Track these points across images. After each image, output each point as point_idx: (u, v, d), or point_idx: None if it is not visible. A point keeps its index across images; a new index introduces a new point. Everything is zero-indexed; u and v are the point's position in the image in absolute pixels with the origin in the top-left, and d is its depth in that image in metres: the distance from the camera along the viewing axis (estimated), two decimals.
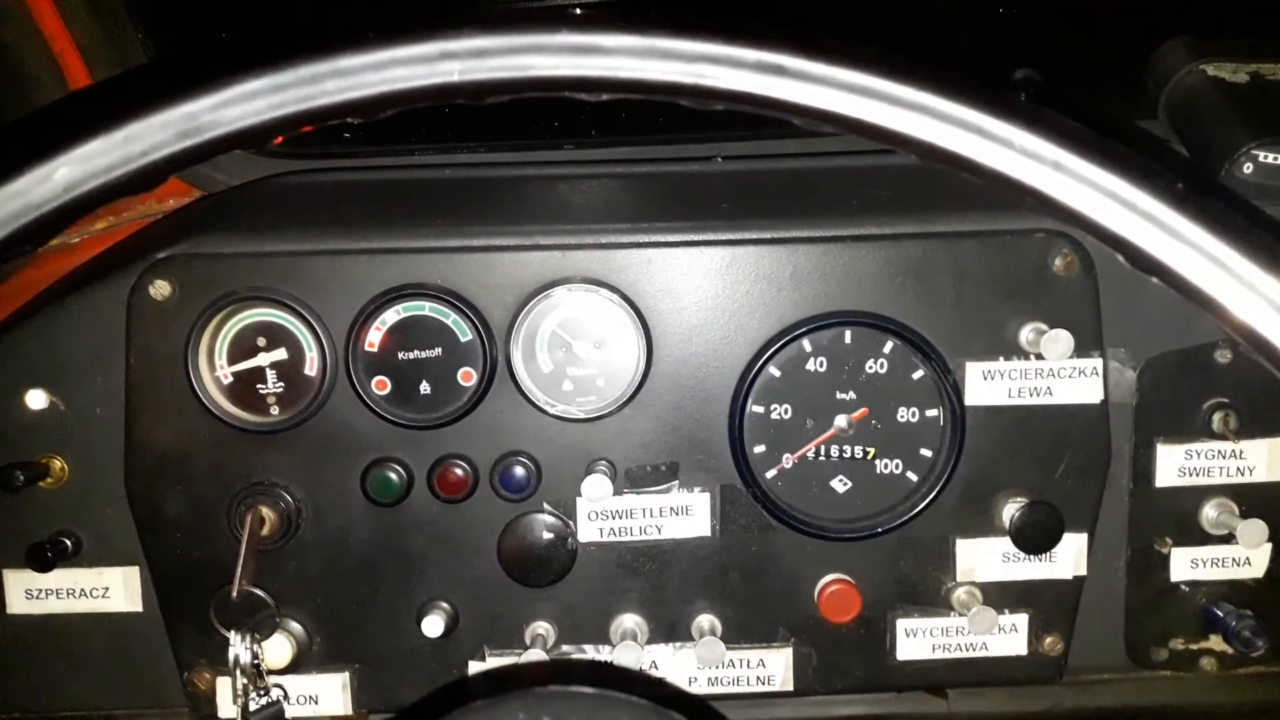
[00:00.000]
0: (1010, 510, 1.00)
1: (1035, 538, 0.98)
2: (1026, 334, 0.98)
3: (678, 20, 0.52)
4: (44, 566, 0.97)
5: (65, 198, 0.50)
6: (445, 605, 1.01)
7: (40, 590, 1.02)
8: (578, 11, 0.52)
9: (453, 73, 0.52)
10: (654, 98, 0.54)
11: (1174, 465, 1.02)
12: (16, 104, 1.06)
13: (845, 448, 1.02)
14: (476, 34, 0.51)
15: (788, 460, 1.02)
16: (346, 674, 1.02)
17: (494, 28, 0.51)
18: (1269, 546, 1.03)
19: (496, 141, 1.17)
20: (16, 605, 1.02)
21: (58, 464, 0.99)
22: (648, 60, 0.52)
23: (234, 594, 0.94)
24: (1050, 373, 0.99)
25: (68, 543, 1.00)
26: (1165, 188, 0.48)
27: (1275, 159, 0.92)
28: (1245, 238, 0.46)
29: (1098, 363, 0.99)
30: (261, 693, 0.98)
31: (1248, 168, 0.93)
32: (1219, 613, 1.04)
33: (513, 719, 0.46)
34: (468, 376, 0.98)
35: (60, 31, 1.02)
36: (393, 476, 0.98)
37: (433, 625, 0.99)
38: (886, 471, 1.02)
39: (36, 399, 0.98)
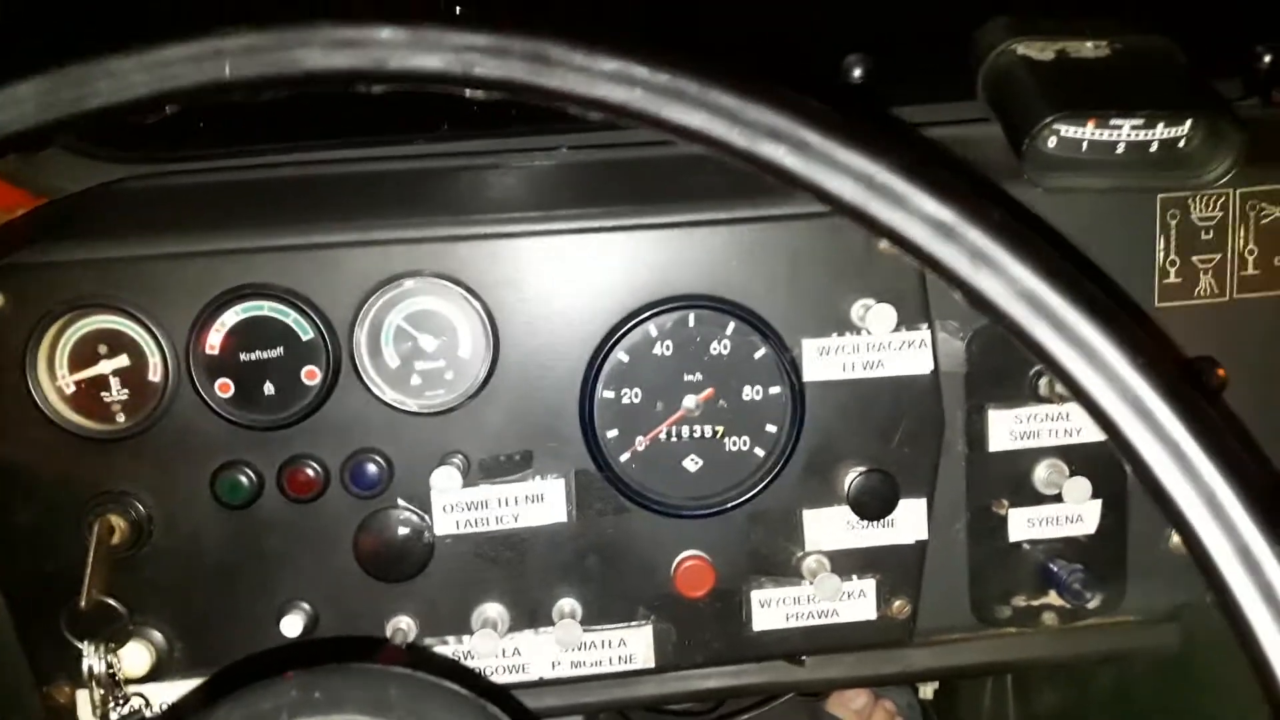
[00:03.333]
0: (849, 479, 1.04)
1: (872, 504, 1.02)
2: (856, 310, 1.02)
3: (445, 15, 0.54)
4: None
5: None
6: (304, 605, 1.02)
7: None
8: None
9: (223, 69, 0.53)
10: (426, 88, 0.56)
11: (1005, 429, 1.07)
12: None
13: (695, 427, 1.05)
14: (246, 31, 0.53)
15: (640, 443, 1.04)
16: (209, 679, 1.02)
17: (263, 25, 0.53)
18: (1098, 504, 1.09)
19: (342, 139, 1.17)
20: None
21: None
22: (417, 51, 0.54)
23: (83, 604, 0.94)
24: (881, 346, 1.03)
25: None
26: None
27: (1074, 132, 0.97)
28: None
29: (926, 334, 1.03)
30: (121, 702, 0.98)
31: (1051, 141, 0.98)
32: (1054, 568, 1.09)
33: (283, 697, 0.48)
34: (312, 375, 0.98)
35: None
36: (242, 479, 0.98)
37: (291, 625, 0.99)
38: (735, 449, 1.05)
39: None
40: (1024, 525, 1.09)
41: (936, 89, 1.20)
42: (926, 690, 1.65)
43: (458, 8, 1.10)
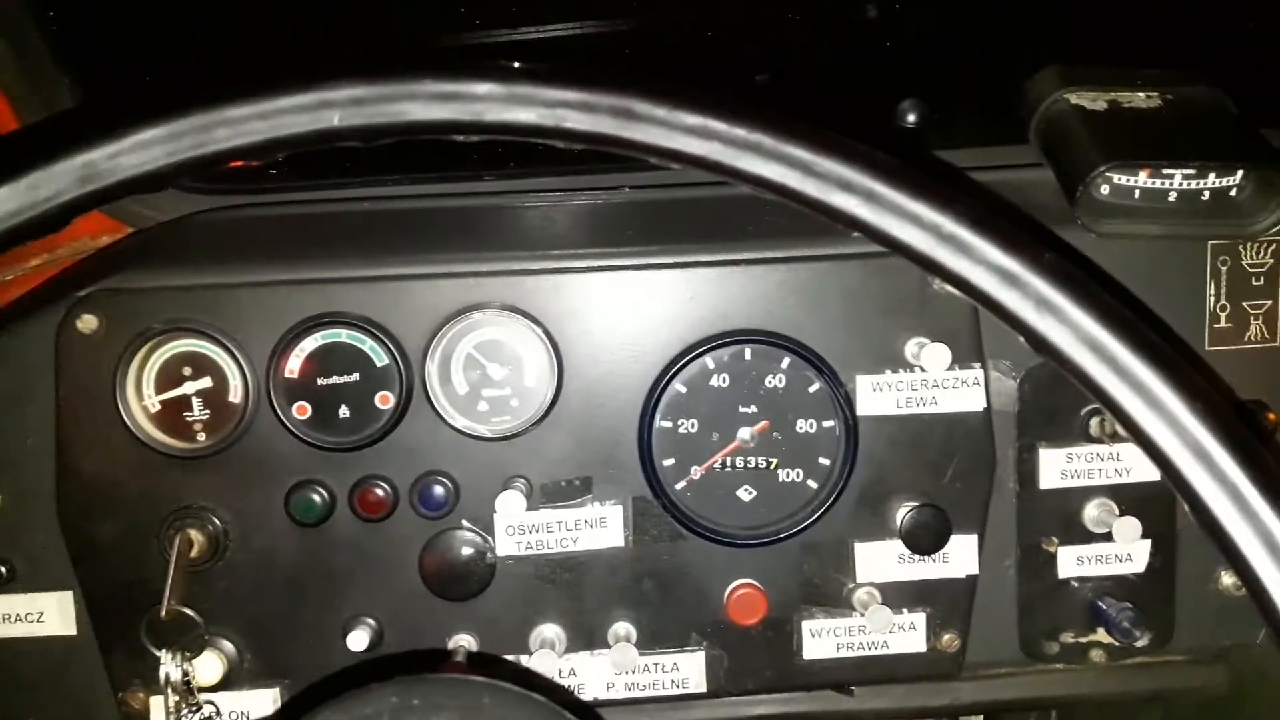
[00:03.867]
0: (902, 513, 1.06)
1: (924, 539, 1.04)
2: (910, 348, 1.05)
3: (538, 69, 0.59)
4: None
5: None
6: (370, 621, 1.05)
7: None
8: (440, 60, 0.58)
9: (333, 119, 0.57)
10: (522, 139, 0.60)
11: (1056, 468, 1.09)
12: None
13: (749, 458, 1.08)
14: (354, 83, 0.57)
15: (696, 472, 1.07)
16: (276, 690, 1.06)
17: (370, 77, 0.57)
18: (1147, 542, 1.10)
19: (417, 175, 1.22)
20: None
21: None
22: (512, 106, 0.58)
23: (163, 614, 0.98)
24: (935, 383, 1.06)
25: (2, 570, 1.03)
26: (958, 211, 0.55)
27: (1127, 180, 1.00)
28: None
29: (979, 373, 1.06)
30: (193, 710, 1.02)
31: (1104, 189, 1.01)
32: (1103, 606, 1.10)
33: (383, 703, 0.51)
34: (385, 400, 1.03)
35: None
36: (315, 498, 1.03)
37: (357, 640, 1.03)
38: (788, 480, 1.08)
39: None
40: (1073, 563, 1.11)
41: (987, 134, 1.23)
42: None
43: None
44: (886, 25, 1.13)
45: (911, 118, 1.18)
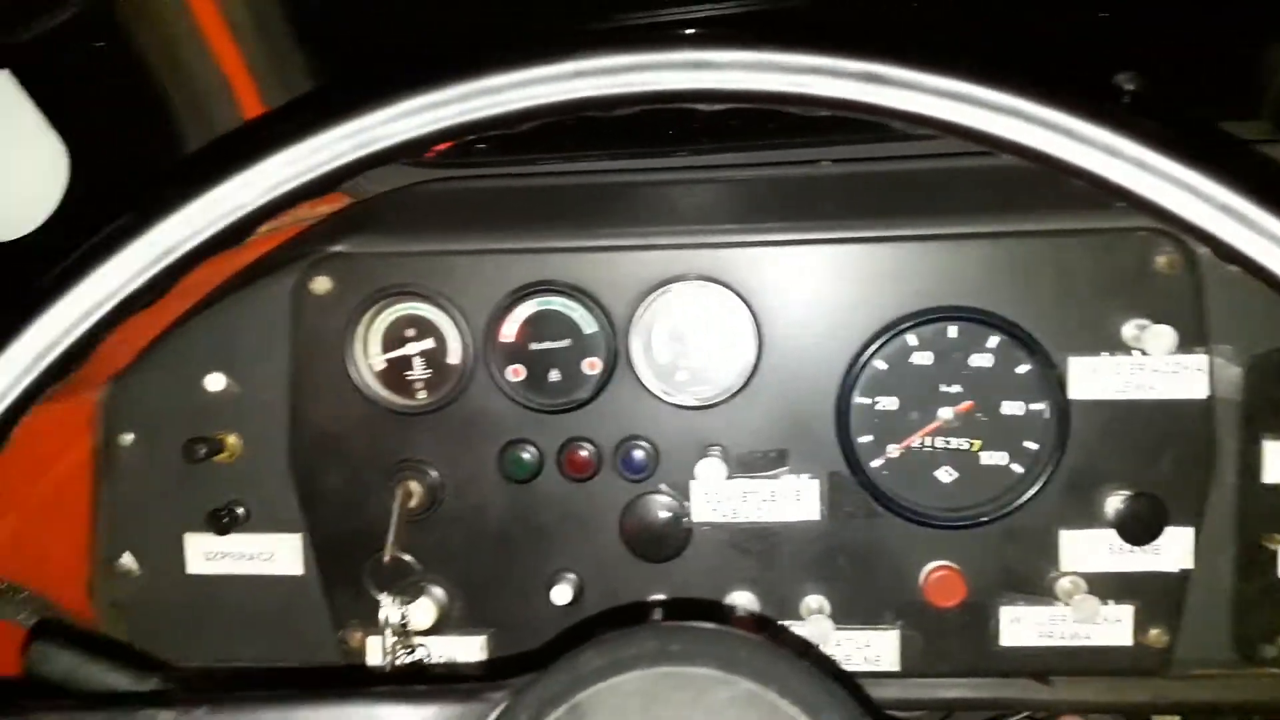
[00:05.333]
0: (1114, 502, 1.03)
1: (1139, 529, 1.01)
2: (1129, 330, 1.01)
3: (785, 33, 0.59)
4: (222, 530, 1.10)
5: (266, 199, 0.60)
6: (572, 576, 1.09)
7: (215, 553, 1.14)
8: (693, 30, 0.60)
9: (585, 89, 0.60)
10: (764, 106, 0.61)
11: None
12: (192, 118, 1.19)
13: (950, 439, 1.06)
14: (605, 54, 0.59)
15: (893, 450, 1.07)
16: (483, 637, 1.11)
17: (620, 48, 0.59)
18: None
19: (617, 150, 1.25)
20: (195, 565, 1.15)
21: (232, 439, 1.11)
22: (758, 73, 0.59)
23: (386, 559, 1.05)
24: (1154, 368, 1.02)
25: (240, 511, 1.12)
26: (1243, 182, 0.53)
27: None
28: None
29: (1202, 359, 1.01)
30: (408, 651, 1.08)
31: None
32: None
33: (643, 646, 0.53)
34: (593, 365, 1.06)
35: (231, 52, 1.15)
36: (525, 456, 1.07)
37: (561, 594, 1.07)
38: (991, 463, 1.06)
39: (215, 381, 1.11)
40: None
41: (1212, 108, 1.17)
42: None
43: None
44: None
45: (1128, 89, 1.13)
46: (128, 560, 1.16)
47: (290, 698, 0.54)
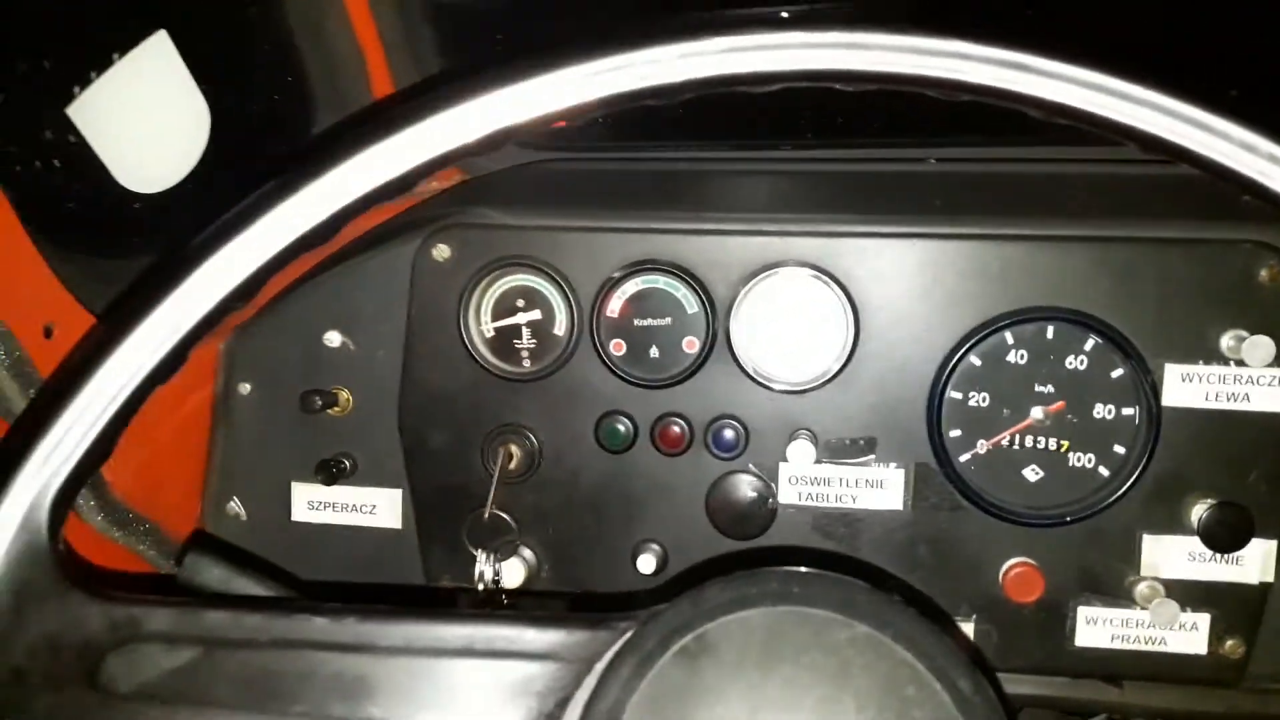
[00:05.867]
0: (1200, 509, 1.04)
1: (1224, 537, 1.02)
2: (1228, 340, 1.02)
3: (935, 19, 0.63)
4: (329, 481, 1.16)
5: (444, 150, 0.64)
6: (656, 547, 1.14)
7: (320, 502, 1.21)
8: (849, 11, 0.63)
9: (738, 63, 0.64)
10: (909, 89, 0.64)
11: None
12: (326, 88, 1.25)
13: (1039, 438, 1.08)
14: (760, 30, 0.63)
15: (982, 445, 1.09)
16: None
17: (775, 25, 0.63)
18: None
19: (722, 140, 1.29)
20: (300, 513, 1.21)
21: (345, 395, 1.18)
22: (907, 55, 0.62)
23: (485, 517, 1.10)
24: (1250, 379, 1.03)
25: (347, 464, 1.18)
26: None
27: None
28: None
29: None
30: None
31: None
32: None
33: (767, 586, 0.57)
34: (691, 345, 1.10)
35: (369, 28, 1.22)
36: (620, 428, 1.12)
37: (646, 563, 1.12)
38: (1079, 464, 1.08)
39: (333, 338, 1.17)
40: None
41: None
42: None
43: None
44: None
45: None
46: (235, 505, 1.22)
47: (431, 615, 0.59)
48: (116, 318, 0.64)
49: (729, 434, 1.11)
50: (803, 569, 0.59)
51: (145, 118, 1.14)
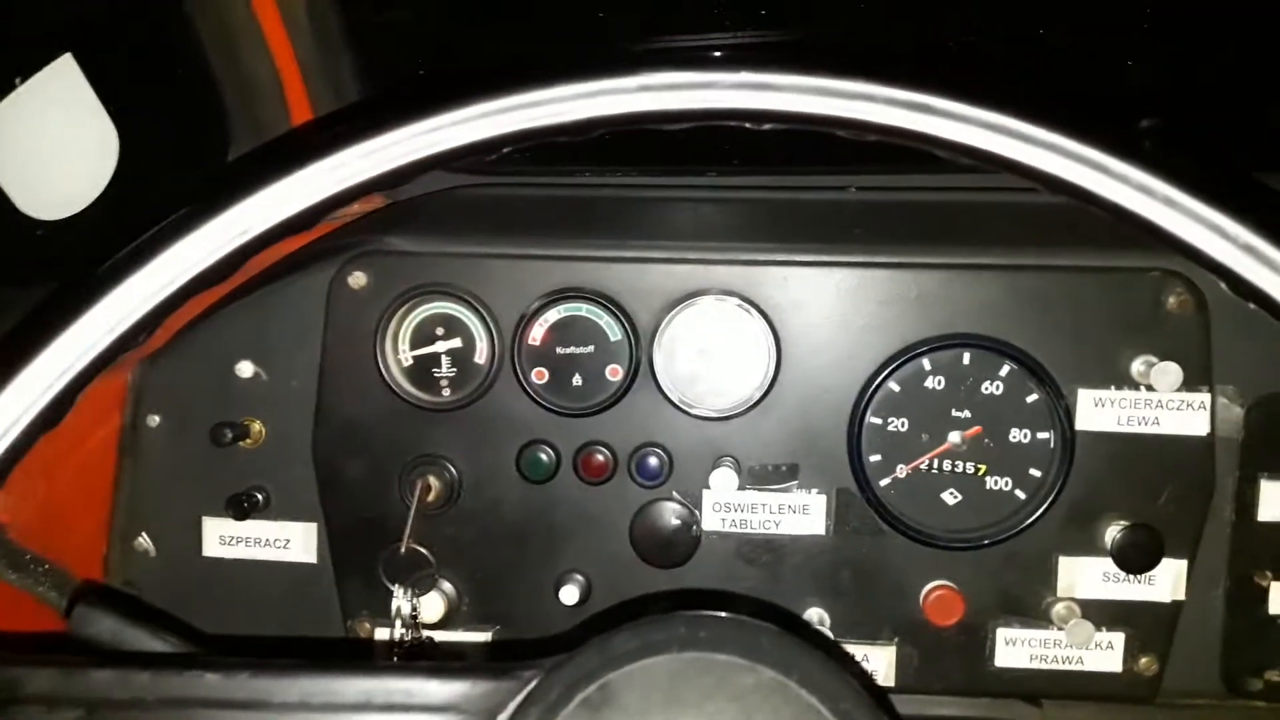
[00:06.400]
0: (1113, 531, 1.06)
1: (1136, 558, 1.04)
2: (1138, 366, 1.04)
3: (842, 61, 0.63)
4: (240, 515, 1.12)
5: (341, 187, 0.63)
6: (580, 577, 1.12)
7: (231, 537, 1.17)
8: (756, 53, 0.63)
9: (647, 102, 0.63)
10: (814, 129, 0.64)
11: (1277, 501, 1.06)
12: (242, 111, 1.22)
13: (957, 463, 1.09)
14: (669, 70, 0.63)
15: (902, 470, 1.10)
16: (489, 634, 1.14)
17: (685, 66, 0.63)
18: None
19: (647, 166, 1.29)
20: (211, 549, 1.17)
21: (257, 426, 1.14)
22: (814, 97, 0.63)
23: (402, 551, 1.08)
24: (1159, 404, 1.05)
25: (259, 497, 1.15)
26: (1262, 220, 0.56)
27: None
28: None
29: (1205, 397, 1.04)
30: (416, 644, 1.11)
31: None
32: None
33: (673, 631, 0.56)
34: (615, 372, 1.10)
35: (286, 50, 1.19)
36: (543, 457, 1.10)
37: (569, 594, 1.10)
38: (996, 488, 1.09)
39: (245, 369, 1.14)
40: None
41: (1248, 157, 1.20)
42: None
43: None
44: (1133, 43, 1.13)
45: (1153, 131, 1.17)
46: (144, 540, 1.18)
47: (328, 668, 0.56)
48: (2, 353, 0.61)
49: (653, 461, 1.11)
50: (715, 613, 0.58)
51: (49, 142, 1.10)
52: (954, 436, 1.09)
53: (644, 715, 0.53)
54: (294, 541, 1.17)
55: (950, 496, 1.10)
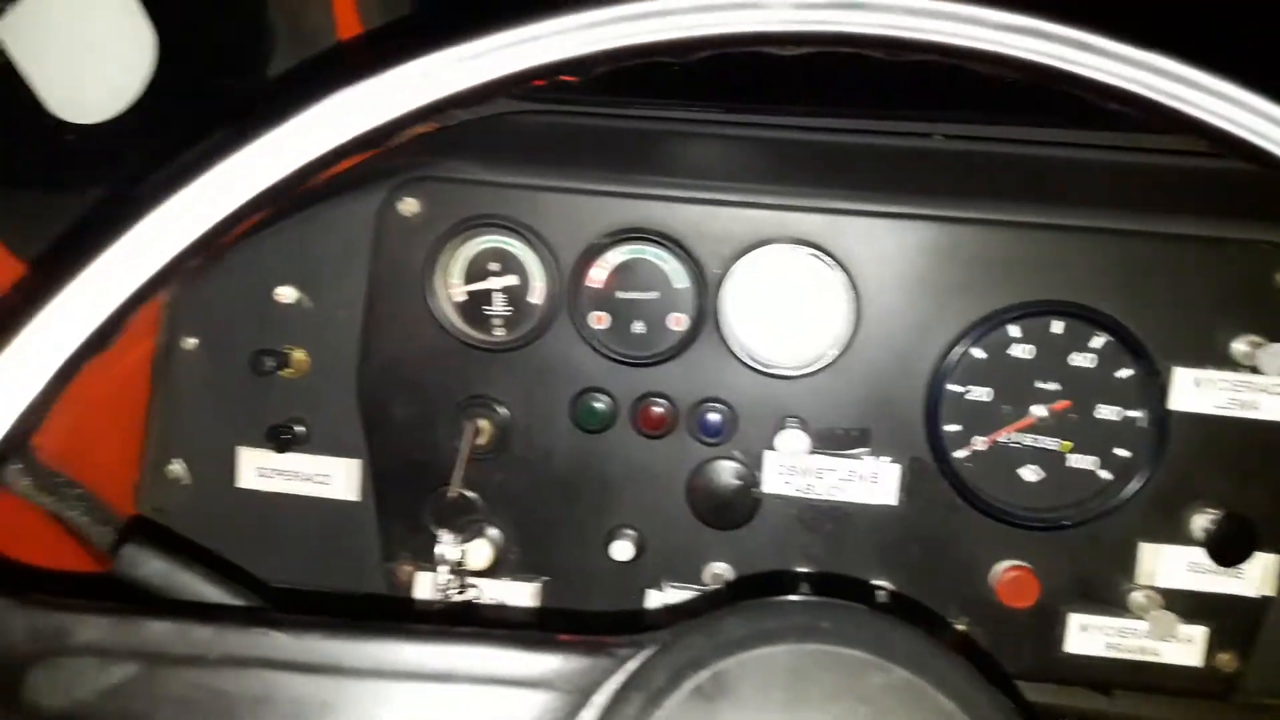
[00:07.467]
0: (1202, 520, 0.99)
1: (1229, 550, 0.98)
2: (1241, 345, 0.97)
3: None
4: (281, 448, 1.07)
5: (421, 103, 0.56)
6: (632, 533, 1.06)
7: (269, 469, 1.11)
8: None
9: (770, 21, 0.56)
10: (950, 62, 0.57)
11: None
12: (285, 20, 1.15)
13: (1040, 438, 1.03)
14: None
15: (979, 442, 1.03)
16: (537, 584, 1.09)
17: None
18: None
19: (719, 101, 1.20)
20: (246, 480, 1.12)
21: (299, 355, 1.08)
22: (956, 25, 0.55)
23: (450, 495, 1.02)
24: (1261, 387, 0.98)
25: (300, 430, 1.09)
26: None
27: None
28: None
29: None
30: (460, 590, 1.06)
31: None
32: None
33: (791, 619, 0.50)
34: (678, 321, 1.03)
35: None
36: (599, 406, 1.04)
37: (621, 550, 1.04)
38: (1079, 466, 1.03)
39: (286, 294, 1.07)
40: None
41: None
42: None
43: None
44: None
45: None
46: (177, 467, 1.13)
47: (407, 631, 0.51)
48: (52, 267, 0.55)
49: (714, 418, 1.04)
50: (831, 599, 0.52)
51: (82, 41, 1.03)
52: (1038, 409, 1.02)
53: (762, 711, 0.47)
54: (335, 477, 1.11)
55: (1030, 473, 1.03)
